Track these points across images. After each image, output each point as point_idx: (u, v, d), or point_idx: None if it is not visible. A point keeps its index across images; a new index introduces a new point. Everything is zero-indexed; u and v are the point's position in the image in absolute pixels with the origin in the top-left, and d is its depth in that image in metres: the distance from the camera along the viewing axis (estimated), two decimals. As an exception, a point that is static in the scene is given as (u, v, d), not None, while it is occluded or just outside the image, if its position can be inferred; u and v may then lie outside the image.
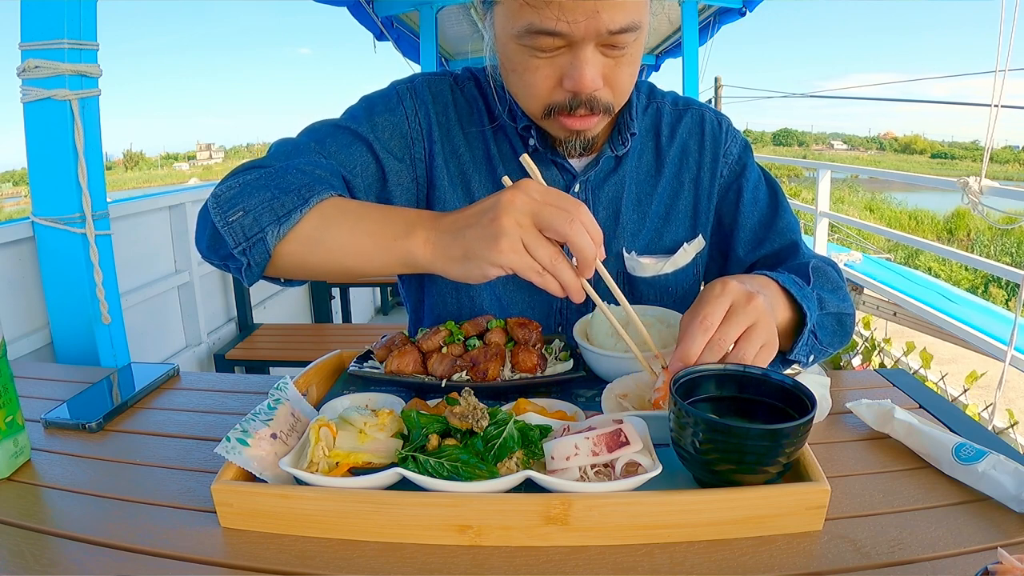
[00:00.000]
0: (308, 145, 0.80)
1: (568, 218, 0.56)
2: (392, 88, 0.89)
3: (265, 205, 0.68)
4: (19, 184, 42.37)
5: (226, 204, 0.69)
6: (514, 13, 0.70)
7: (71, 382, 0.90)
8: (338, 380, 0.82)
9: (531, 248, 0.57)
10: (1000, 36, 3.03)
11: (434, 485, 0.53)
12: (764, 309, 0.61)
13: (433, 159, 0.88)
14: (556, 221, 0.56)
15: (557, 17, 0.67)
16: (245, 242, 0.68)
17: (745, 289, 0.62)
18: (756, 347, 0.60)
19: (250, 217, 0.67)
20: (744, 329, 0.60)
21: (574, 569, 0.50)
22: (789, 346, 0.75)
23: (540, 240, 0.57)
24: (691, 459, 0.54)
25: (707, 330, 0.59)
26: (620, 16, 0.68)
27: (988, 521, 0.55)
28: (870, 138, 67.76)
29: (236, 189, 0.70)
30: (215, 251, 0.72)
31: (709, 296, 0.61)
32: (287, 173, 0.71)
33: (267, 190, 0.69)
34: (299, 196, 0.68)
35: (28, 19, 1.47)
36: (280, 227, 0.67)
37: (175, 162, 67.53)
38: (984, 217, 3.42)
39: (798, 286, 0.74)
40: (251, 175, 0.72)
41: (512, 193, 0.57)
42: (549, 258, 0.57)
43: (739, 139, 0.95)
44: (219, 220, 0.68)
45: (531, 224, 0.57)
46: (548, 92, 0.75)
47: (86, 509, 0.59)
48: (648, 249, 0.92)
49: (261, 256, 0.68)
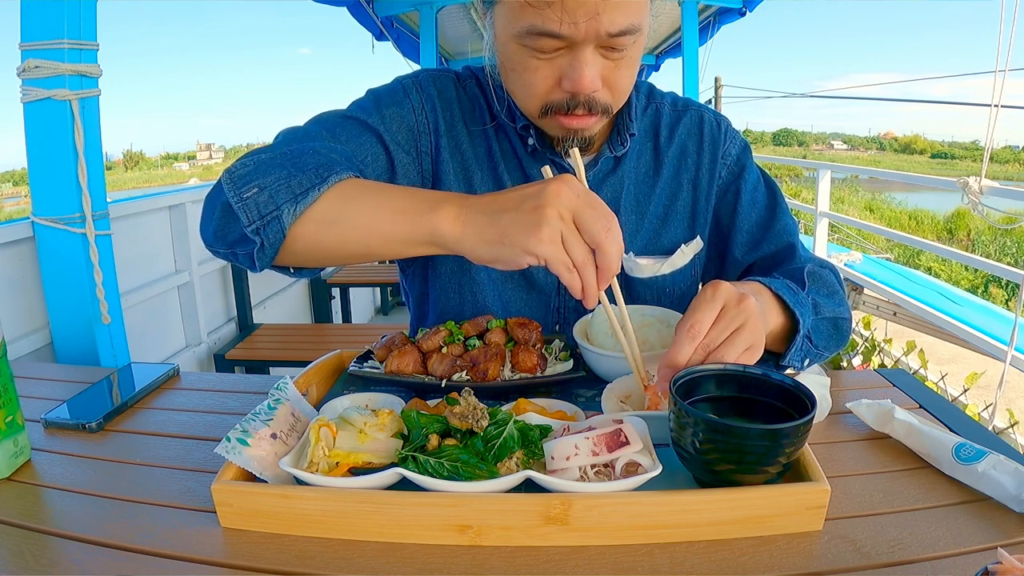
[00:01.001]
0: (319, 132, 0.79)
1: (606, 225, 0.56)
2: (398, 82, 0.89)
3: (282, 183, 0.65)
4: (19, 184, 42.38)
5: (240, 180, 0.66)
6: (515, 13, 0.70)
7: (71, 382, 0.90)
8: (338, 380, 0.82)
9: (568, 244, 0.56)
10: (1000, 36, 3.04)
11: (434, 485, 0.53)
12: (754, 311, 0.62)
13: (439, 153, 0.88)
14: (595, 226, 0.56)
15: (559, 19, 0.67)
16: (260, 220, 0.65)
17: (736, 291, 0.62)
18: (739, 350, 0.61)
19: (266, 194, 0.65)
20: (731, 332, 0.61)
21: (574, 569, 0.50)
22: (783, 351, 0.75)
23: (577, 238, 0.57)
24: (691, 459, 0.54)
25: (695, 337, 0.60)
26: (620, 18, 0.68)
27: (988, 521, 0.55)
28: (870, 138, 67.78)
29: (251, 167, 0.68)
30: (222, 237, 0.70)
31: (700, 301, 0.62)
32: (304, 154, 0.69)
33: (283, 168, 0.66)
34: (317, 175, 0.65)
35: (28, 19, 1.47)
36: (297, 205, 0.64)
37: (175, 162, 67.54)
38: (984, 217, 3.42)
39: (792, 292, 0.74)
40: (266, 154, 0.70)
41: (558, 185, 0.57)
42: (582, 257, 0.57)
43: (738, 140, 0.95)
44: (233, 196, 0.65)
45: (571, 220, 0.56)
46: (546, 92, 0.75)
47: (86, 509, 0.59)
48: (646, 250, 0.92)
49: (276, 236, 0.65)
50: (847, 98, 48.13)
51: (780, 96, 12.28)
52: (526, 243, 0.56)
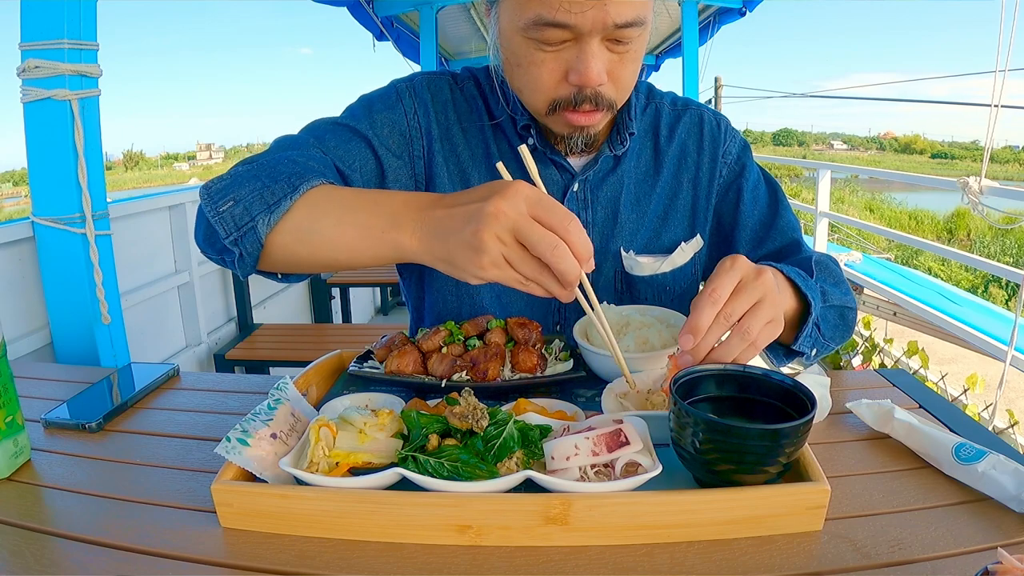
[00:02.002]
0: (307, 141, 0.80)
1: (552, 243, 0.53)
2: (391, 86, 0.90)
3: (256, 194, 0.67)
4: (19, 184, 42.37)
5: (217, 195, 0.68)
6: (521, 6, 0.70)
7: (71, 382, 0.90)
8: (338, 380, 0.82)
9: (514, 263, 0.55)
10: (1000, 36, 3.04)
11: (434, 485, 0.53)
12: (772, 285, 0.62)
13: (432, 157, 0.89)
14: (540, 245, 0.53)
15: (564, 8, 0.67)
16: (236, 232, 0.66)
17: (755, 265, 0.62)
18: (762, 322, 0.60)
19: (240, 207, 0.66)
20: (752, 304, 0.60)
21: (574, 569, 0.50)
22: (793, 338, 0.75)
23: (523, 256, 0.54)
24: (691, 459, 0.54)
25: (716, 302, 0.59)
26: (627, 9, 0.68)
27: (988, 521, 0.55)
28: (870, 138, 67.78)
29: (227, 180, 0.69)
30: (211, 244, 0.72)
31: (720, 270, 0.61)
32: (279, 163, 0.70)
33: (258, 179, 0.68)
34: (288, 184, 0.67)
35: (28, 19, 1.47)
36: (271, 215, 0.65)
37: (175, 162, 67.54)
38: (984, 217, 3.42)
39: (802, 278, 0.74)
40: (243, 167, 0.72)
41: (498, 203, 0.53)
42: (532, 272, 0.55)
43: (738, 139, 0.95)
44: (210, 211, 0.67)
45: (513, 240, 0.54)
46: (553, 87, 0.75)
47: (86, 509, 0.59)
48: (646, 248, 0.92)
49: (253, 246, 0.67)
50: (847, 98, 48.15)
51: (780, 96, 12.29)
52: (469, 269, 0.55)
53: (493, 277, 0.55)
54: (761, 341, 0.61)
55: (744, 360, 0.61)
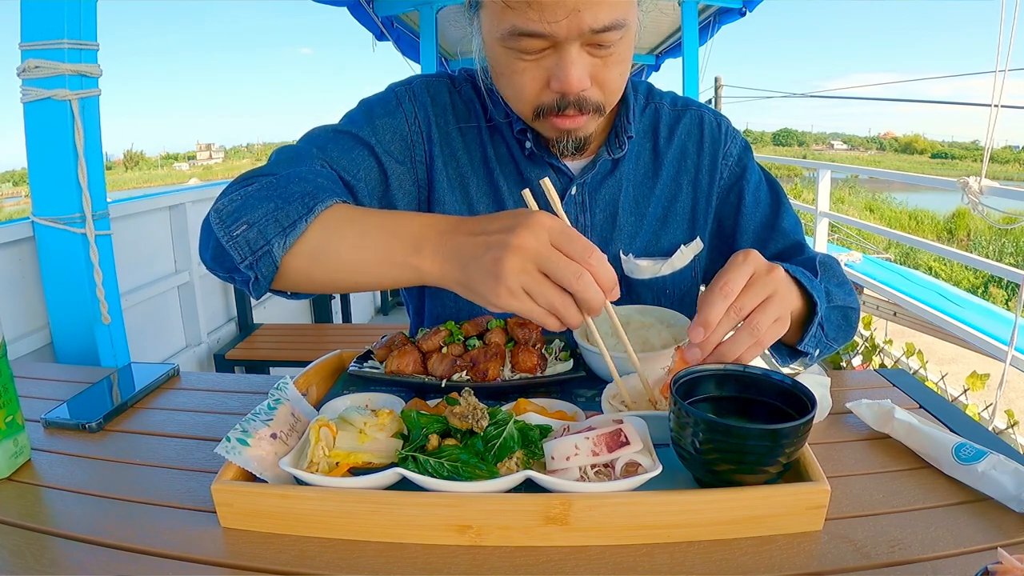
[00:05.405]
0: (310, 151, 0.79)
1: (576, 273, 0.53)
2: (390, 91, 0.89)
3: (269, 216, 0.65)
4: (19, 184, 42.37)
5: (229, 218, 0.66)
6: (496, 16, 0.70)
7: (71, 382, 0.90)
8: (338, 380, 0.82)
9: (534, 295, 0.54)
10: (1000, 36, 3.03)
11: (434, 485, 0.53)
12: (783, 281, 0.62)
13: (433, 161, 0.88)
14: (564, 275, 0.53)
15: (538, 18, 0.67)
16: (251, 256, 0.65)
17: (766, 261, 0.62)
18: (771, 319, 0.60)
19: (255, 230, 0.65)
20: (762, 300, 0.60)
21: (574, 569, 0.50)
22: (798, 338, 0.75)
23: (545, 287, 0.54)
24: (691, 459, 0.54)
25: (727, 296, 0.59)
26: (602, 14, 0.67)
27: (988, 521, 0.55)
28: (870, 138, 67.79)
29: (239, 201, 0.68)
30: (220, 263, 0.70)
31: (732, 264, 0.61)
32: (289, 182, 0.69)
33: (270, 201, 0.66)
34: (303, 205, 0.65)
35: (28, 19, 1.47)
36: (286, 238, 0.64)
37: (175, 162, 67.54)
38: (984, 217, 3.41)
39: (807, 278, 0.74)
40: (253, 186, 0.69)
41: (522, 234, 0.53)
42: (553, 302, 0.55)
43: (738, 140, 0.95)
44: (223, 235, 0.66)
45: (536, 271, 0.54)
46: (536, 94, 0.74)
47: (86, 509, 0.59)
48: (645, 251, 0.92)
49: (268, 269, 0.65)
50: (847, 98, 48.14)
51: (780, 96, 12.29)
52: (489, 297, 0.55)
53: (508, 306, 0.55)
54: (767, 339, 0.61)
55: (748, 358, 0.61)
